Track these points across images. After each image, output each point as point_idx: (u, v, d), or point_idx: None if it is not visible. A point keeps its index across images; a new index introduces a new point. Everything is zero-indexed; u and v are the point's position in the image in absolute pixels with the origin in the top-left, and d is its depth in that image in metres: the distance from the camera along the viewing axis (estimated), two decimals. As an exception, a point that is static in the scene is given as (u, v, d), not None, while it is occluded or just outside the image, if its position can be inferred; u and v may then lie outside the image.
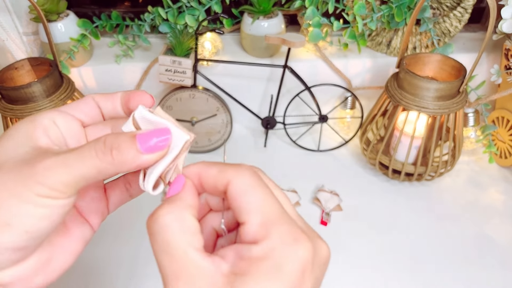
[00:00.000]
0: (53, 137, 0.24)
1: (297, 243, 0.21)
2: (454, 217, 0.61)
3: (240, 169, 0.23)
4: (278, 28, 0.69)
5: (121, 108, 0.26)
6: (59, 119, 0.25)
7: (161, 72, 0.65)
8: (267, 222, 0.21)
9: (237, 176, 0.22)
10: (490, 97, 0.64)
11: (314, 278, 0.21)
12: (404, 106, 0.58)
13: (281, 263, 0.20)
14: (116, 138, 0.22)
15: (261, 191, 0.22)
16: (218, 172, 0.23)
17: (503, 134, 0.67)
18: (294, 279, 0.20)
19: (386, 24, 0.69)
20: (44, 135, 0.24)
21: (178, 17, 0.68)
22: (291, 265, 0.20)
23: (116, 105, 0.26)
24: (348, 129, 0.75)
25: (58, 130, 0.25)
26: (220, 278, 0.21)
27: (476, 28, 0.78)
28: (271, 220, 0.21)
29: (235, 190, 0.22)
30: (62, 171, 0.21)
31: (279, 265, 0.20)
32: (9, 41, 0.67)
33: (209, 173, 0.24)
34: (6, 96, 0.56)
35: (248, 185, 0.22)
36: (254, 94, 0.74)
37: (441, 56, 0.61)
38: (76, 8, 0.72)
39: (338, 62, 0.72)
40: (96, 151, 0.22)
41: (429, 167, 0.61)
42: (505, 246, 0.57)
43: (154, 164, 0.23)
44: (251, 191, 0.22)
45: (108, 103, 0.26)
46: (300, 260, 0.20)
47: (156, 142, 0.22)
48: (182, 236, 0.21)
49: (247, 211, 0.22)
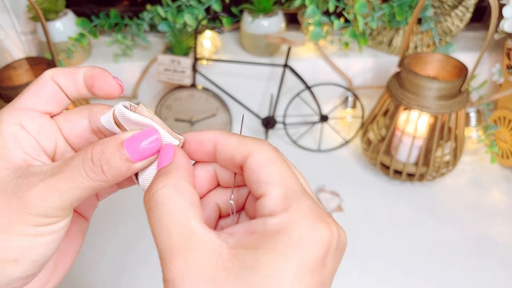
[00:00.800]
0: (26, 147, 0.21)
1: (321, 222, 0.19)
2: (455, 218, 0.61)
3: (261, 142, 0.21)
4: (278, 27, 0.69)
5: (85, 89, 0.23)
6: (25, 120, 0.22)
7: (160, 72, 0.65)
8: (289, 195, 0.19)
9: (259, 149, 0.21)
10: (491, 96, 0.64)
11: (334, 264, 0.20)
12: (405, 105, 0.57)
13: (301, 240, 0.18)
14: (103, 153, 0.20)
15: (284, 165, 0.21)
16: (239, 143, 0.21)
17: (505, 134, 0.66)
18: (315, 260, 0.18)
19: (387, 23, 0.68)
20: (16, 149, 0.21)
21: (177, 16, 0.67)
22: (313, 244, 0.18)
23: (79, 86, 0.23)
24: (349, 129, 0.75)
25: (28, 135, 0.22)
26: (226, 252, 0.18)
27: (478, 27, 0.78)
28: (293, 193, 0.19)
29: (256, 162, 0.20)
30: (54, 198, 0.20)
31: (299, 242, 0.18)
32: (7, 40, 0.66)
33: (228, 142, 0.22)
34: (4, 95, 0.55)
35: (270, 158, 0.21)
36: (254, 94, 0.74)
37: (443, 56, 0.60)
38: (74, 7, 0.72)
39: (338, 61, 0.72)
40: (86, 171, 0.20)
41: (431, 167, 0.61)
42: (507, 246, 0.57)
43: None
44: (273, 164, 0.20)
45: (70, 83, 0.23)
46: (323, 241, 0.18)
47: (145, 147, 0.21)
48: (182, 207, 0.19)
49: (267, 182, 0.20)
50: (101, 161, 0.20)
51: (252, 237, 0.19)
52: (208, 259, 0.18)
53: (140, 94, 0.73)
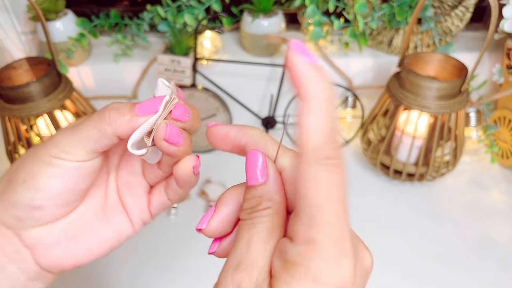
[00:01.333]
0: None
1: (342, 258, 0.18)
2: (455, 218, 0.61)
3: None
4: (278, 27, 0.68)
5: None
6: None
7: (160, 72, 0.65)
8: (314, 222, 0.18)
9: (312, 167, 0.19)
10: (491, 96, 0.64)
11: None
12: (405, 105, 0.57)
13: (317, 276, 0.18)
14: (118, 103, 0.25)
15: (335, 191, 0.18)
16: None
17: (505, 134, 0.66)
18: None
19: (387, 23, 0.68)
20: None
21: (177, 16, 0.67)
22: (330, 281, 0.18)
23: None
24: (349, 129, 0.75)
25: None
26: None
27: (478, 27, 0.78)
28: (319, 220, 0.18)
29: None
30: (70, 134, 0.24)
31: (315, 277, 0.18)
32: (7, 40, 0.66)
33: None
34: (4, 95, 0.55)
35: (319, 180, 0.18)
36: (254, 94, 0.74)
37: (443, 56, 0.60)
38: (74, 7, 0.72)
39: (338, 61, 0.72)
40: (98, 113, 0.24)
41: (431, 167, 0.61)
42: (507, 246, 0.57)
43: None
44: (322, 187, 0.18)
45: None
46: (342, 279, 0.18)
47: (149, 107, 0.24)
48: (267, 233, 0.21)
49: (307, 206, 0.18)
50: (113, 106, 0.24)
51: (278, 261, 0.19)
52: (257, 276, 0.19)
53: (140, 94, 0.73)
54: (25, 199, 0.24)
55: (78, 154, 0.24)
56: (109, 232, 0.28)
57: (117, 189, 0.29)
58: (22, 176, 0.25)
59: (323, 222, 0.18)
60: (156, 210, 0.29)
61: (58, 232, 0.26)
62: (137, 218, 0.29)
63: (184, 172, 0.26)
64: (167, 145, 0.24)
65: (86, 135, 0.24)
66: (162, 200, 0.29)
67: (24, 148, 0.59)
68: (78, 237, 0.27)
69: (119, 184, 0.29)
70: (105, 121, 0.24)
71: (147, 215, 0.29)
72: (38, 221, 0.25)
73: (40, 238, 0.26)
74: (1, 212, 0.25)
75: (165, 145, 0.24)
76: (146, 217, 0.29)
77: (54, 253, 0.26)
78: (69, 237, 0.26)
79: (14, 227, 0.25)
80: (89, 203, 0.28)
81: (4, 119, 0.57)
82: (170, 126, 0.24)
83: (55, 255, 0.26)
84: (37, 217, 0.25)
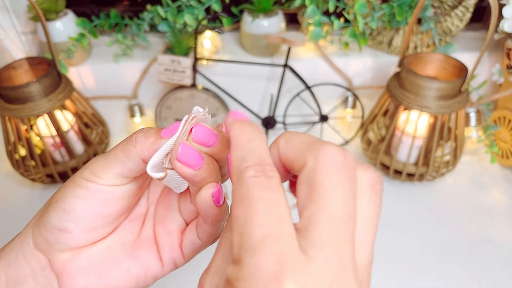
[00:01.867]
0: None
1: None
2: (455, 218, 0.61)
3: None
4: (278, 27, 0.69)
5: None
6: None
7: (160, 72, 0.65)
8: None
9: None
10: (491, 96, 0.64)
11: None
12: (405, 105, 0.57)
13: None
14: (148, 127, 0.25)
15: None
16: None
17: (505, 134, 0.66)
18: None
19: (387, 23, 0.68)
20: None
21: (177, 16, 0.67)
22: None
23: None
24: (349, 129, 0.75)
25: None
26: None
27: (478, 27, 0.78)
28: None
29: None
30: (101, 158, 0.25)
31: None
32: (8, 40, 0.66)
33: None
34: (4, 95, 0.55)
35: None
36: (254, 94, 0.74)
37: (443, 56, 0.60)
38: (74, 7, 0.72)
39: (338, 61, 0.72)
40: (127, 137, 0.25)
41: (431, 167, 0.61)
42: (507, 246, 0.57)
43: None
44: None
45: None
46: None
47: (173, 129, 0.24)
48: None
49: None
50: (142, 130, 0.25)
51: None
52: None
53: (140, 94, 0.73)
54: (54, 220, 0.24)
55: (106, 177, 0.24)
56: (135, 268, 0.26)
57: (153, 224, 0.28)
58: (56, 198, 0.25)
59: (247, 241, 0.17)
60: (188, 250, 0.27)
61: (83, 260, 0.26)
62: (167, 256, 0.27)
63: (203, 201, 0.24)
64: (180, 166, 0.23)
65: (113, 157, 0.24)
66: (192, 239, 0.27)
67: (24, 148, 0.59)
68: (102, 268, 0.26)
69: (156, 220, 0.28)
70: (131, 143, 0.24)
71: (179, 255, 0.27)
72: (64, 245, 0.25)
73: (65, 264, 0.25)
74: (36, 235, 0.25)
75: (178, 166, 0.23)
76: (177, 257, 0.27)
77: (77, 282, 0.25)
78: (94, 267, 0.26)
79: (45, 251, 0.25)
80: (121, 234, 0.27)
81: (4, 119, 0.57)
82: (184, 145, 0.23)
83: (78, 284, 0.25)
84: (63, 240, 0.25)
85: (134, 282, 0.26)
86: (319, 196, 0.18)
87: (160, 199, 0.29)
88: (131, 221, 0.28)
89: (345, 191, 0.18)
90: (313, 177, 0.18)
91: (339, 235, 0.17)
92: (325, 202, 0.18)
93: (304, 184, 0.19)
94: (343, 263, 0.17)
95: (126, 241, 0.27)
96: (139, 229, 0.28)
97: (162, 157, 0.23)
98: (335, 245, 0.17)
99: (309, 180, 0.18)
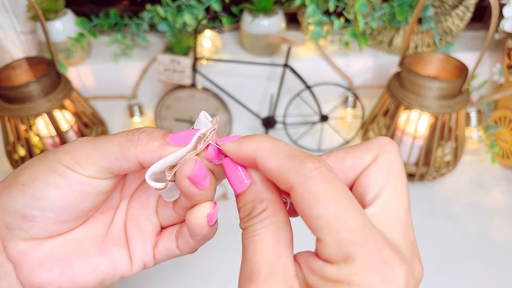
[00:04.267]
0: None
1: (387, 267, 0.17)
2: (456, 218, 0.61)
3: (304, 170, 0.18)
4: (278, 26, 0.68)
5: None
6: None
7: (160, 71, 0.65)
8: (344, 241, 0.17)
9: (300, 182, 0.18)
10: (492, 96, 0.64)
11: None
12: (406, 105, 0.57)
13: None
14: (153, 128, 0.23)
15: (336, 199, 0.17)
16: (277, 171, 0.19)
17: (506, 134, 0.66)
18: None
19: (388, 22, 0.68)
20: None
21: (177, 15, 0.67)
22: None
23: None
24: (349, 128, 0.75)
25: None
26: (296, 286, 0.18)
27: (479, 27, 0.78)
28: (351, 239, 0.17)
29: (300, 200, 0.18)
30: (89, 145, 0.22)
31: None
32: (7, 40, 0.66)
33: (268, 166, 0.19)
34: (3, 95, 0.55)
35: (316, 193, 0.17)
36: (254, 94, 0.73)
37: (443, 55, 0.60)
38: (74, 7, 0.71)
39: (339, 61, 0.72)
40: (128, 131, 0.22)
41: (431, 167, 0.60)
42: (508, 246, 0.56)
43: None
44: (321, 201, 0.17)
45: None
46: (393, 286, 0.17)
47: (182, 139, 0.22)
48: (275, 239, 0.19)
49: (316, 227, 0.17)
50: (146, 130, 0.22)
51: (315, 278, 0.18)
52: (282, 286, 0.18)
53: (140, 94, 0.73)
54: (17, 205, 0.21)
55: (90, 169, 0.22)
56: (104, 264, 0.24)
57: (125, 221, 0.26)
58: (23, 179, 0.22)
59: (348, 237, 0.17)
60: (161, 255, 0.26)
61: (46, 251, 0.23)
62: (138, 257, 0.26)
63: (196, 221, 0.23)
64: (188, 185, 0.22)
65: (107, 150, 0.22)
66: (170, 246, 0.26)
67: (23, 148, 0.59)
68: (67, 261, 0.23)
69: (128, 216, 0.26)
70: (132, 142, 0.22)
71: (150, 258, 0.26)
72: (26, 233, 0.22)
73: (25, 254, 0.23)
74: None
75: (187, 184, 0.21)
76: (148, 259, 0.26)
77: (38, 274, 0.23)
78: (58, 259, 0.23)
79: (1, 235, 0.22)
80: (90, 227, 0.25)
81: (3, 119, 0.57)
82: (200, 165, 0.21)
83: (39, 277, 0.23)
84: (25, 228, 0.22)
85: (100, 279, 0.24)
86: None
87: (136, 194, 0.27)
88: (102, 213, 0.26)
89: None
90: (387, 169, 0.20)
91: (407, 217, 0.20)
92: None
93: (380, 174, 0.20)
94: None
95: (95, 235, 0.25)
96: (109, 223, 0.26)
97: (164, 167, 0.22)
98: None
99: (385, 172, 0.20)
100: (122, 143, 0.22)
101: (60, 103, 0.57)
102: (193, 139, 0.21)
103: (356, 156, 0.20)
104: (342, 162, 0.20)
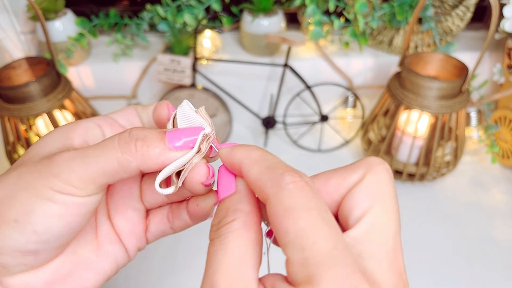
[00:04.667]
0: (91, 139, 0.23)
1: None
2: (456, 218, 0.61)
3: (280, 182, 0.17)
4: (278, 26, 0.68)
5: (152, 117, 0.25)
6: (105, 125, 0.24)
7: (160, 71, 0.65)
8: (309, 261, 0.16)
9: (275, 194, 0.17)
10: (492, 96, 0.64)
11: None
12: (406, 105, 0.57)
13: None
14: (143, 130, 0.20)
15: (306, 215, 0.16)
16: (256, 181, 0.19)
17: (506, 134, 0.66)
18: None
19: (388, 22, 0.68)
20: (81, 136, 0.22)
21: (177, 15, 0.67)
22: None
23: (150, 114, 0.25)
24: (349, 128, 0.75)
25: (101, 132, 0.23)
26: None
27: (479, 27, 0.78)
28: (316, 258, 0.16)
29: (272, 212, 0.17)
30: (79, 163, 0.19)
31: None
32: (7, 40, 0.66)
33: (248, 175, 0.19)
34: (3, 95, 0.55)
35: (287, 208, 0.17)
36: (254, 94, 0.73)
37: (443, 55, 0.60)
38: (74, 7, 0.71)
39: (339, 61, 0.72)
40: (119, 140, 0.20)
41: (431, 168, 0.60)
42: (507, 246, 0.56)
43: None
44: (290, 216, 0.16)
45: (144, 113, 0.25)
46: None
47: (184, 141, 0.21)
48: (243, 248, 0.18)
49: (283, 242, 0.17)
50: (139, 135, 0.20)
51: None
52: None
53: (139, 94, 0.73)
54: (16, 243, 0.19)
55: (87, 188, 0.20)
56: (106, 264, 0.24)
57: (107, 214, 0.25)
58: (13, 215, 0.19)
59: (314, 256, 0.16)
60: (154, 237, 0.26)
61: (48, 275, 0.22)
62: (132, 246, 0.25)
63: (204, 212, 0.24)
64: (202, 188, 0.21)
65: (103, 166, 0.20)
66: (163, 228, 0.26)
67: (23, 148, 0.59)
68: (72, 276, 0.23)
69: (111, 209, 0.26)
70: (131, 153, 0.20)
71: (143, 242, 0.26)
72: (28, 266, 0.21)
73: (27, 285, 0.21)
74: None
75: (200, 188, 0.21)
76: (142, 244, 0.26)
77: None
78: (63, 277, 0.22)
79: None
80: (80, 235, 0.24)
81: (3, 119, 0.57)
82: (212, 170, 0.21)
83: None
84: (27, 263, 0.20)
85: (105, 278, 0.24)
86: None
87: (113, 189, 0.26)
88: None
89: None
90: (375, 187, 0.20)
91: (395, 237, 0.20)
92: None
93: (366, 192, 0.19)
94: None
95: (88, 240, 0.24)
96: (95, 223, 0.25)
97: (172, 173, 0.21)
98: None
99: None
100: (119, 156, 0.20)
101: (60, 103, 0.57)
102: (197, 141, 0.21)
103: (342, 176, 0.19)
104: (327, 183, 0.20)
